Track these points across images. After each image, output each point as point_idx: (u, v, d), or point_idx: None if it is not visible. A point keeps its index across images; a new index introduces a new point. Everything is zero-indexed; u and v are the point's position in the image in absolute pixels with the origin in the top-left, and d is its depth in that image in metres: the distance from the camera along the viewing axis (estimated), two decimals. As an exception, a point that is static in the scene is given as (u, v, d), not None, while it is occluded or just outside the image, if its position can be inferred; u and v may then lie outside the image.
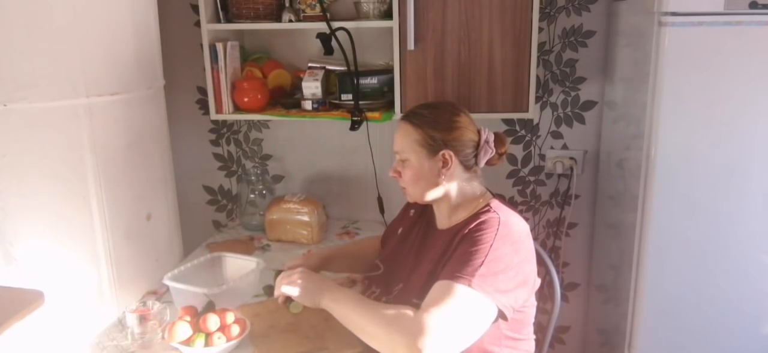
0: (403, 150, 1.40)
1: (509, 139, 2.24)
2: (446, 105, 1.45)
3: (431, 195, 1.40)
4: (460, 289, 1.21)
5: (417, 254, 1.45)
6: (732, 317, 1.72)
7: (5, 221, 1.56)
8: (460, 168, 1.38)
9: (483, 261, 1.23)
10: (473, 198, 1.40)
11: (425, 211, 1.52)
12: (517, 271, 1.28)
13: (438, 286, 1.24)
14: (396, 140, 1.42)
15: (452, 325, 1.19)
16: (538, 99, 2.17)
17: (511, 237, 1.29)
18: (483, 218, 1.32)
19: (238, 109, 2.09)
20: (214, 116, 2.08)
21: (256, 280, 1.71)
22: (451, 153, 1.36)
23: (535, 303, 1.40)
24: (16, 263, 1.58)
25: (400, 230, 1.57)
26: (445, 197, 1.40)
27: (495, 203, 1.38)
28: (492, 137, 1.40)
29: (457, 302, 1.20)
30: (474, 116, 1.43)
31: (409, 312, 1.20)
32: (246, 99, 2.05)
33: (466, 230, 1.31)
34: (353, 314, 1.26)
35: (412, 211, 1.58)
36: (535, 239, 1.39)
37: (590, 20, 2.09)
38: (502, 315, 1.25)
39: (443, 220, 1.43)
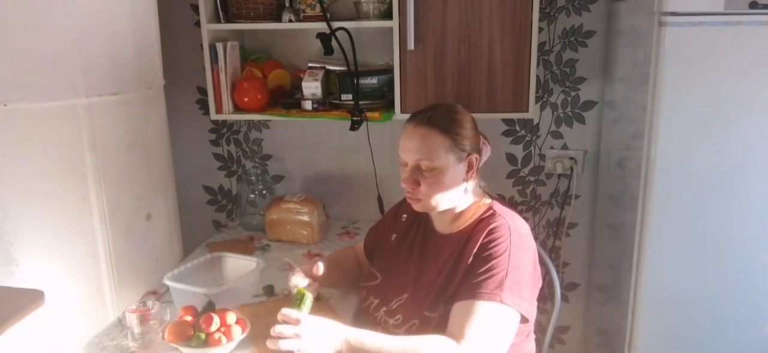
0: (430, 157, 1.30)
1: (509, 139, 2.24)
2: (457, 108, 1.39)
3: (450, 203, 1.35)
4: (491, 307, 1.22)
5: (419, 262, 1.43)
6: (732, 317, 1.71)
7: (5, 221, 1.56)
8: (475, 172, 1.37)
9: (506, 273, 1.24)
10: (474, 201, 1.40)
11: (419, 214, 1.49)
12: (531, 274, 1.30)
13: (465, 307, 1.22)
14: (415, 145, 1.32)
15: (493, 346, 1.21)
16: (538, 99, 2.17)
17: (522, 241, 1.30)
18: (492, 225, 1.32)
19: (238, 109, 2.09)
20: (214, 116, 2.08)
21: (256, 280, 1.71)
22: (477, 157, 1.35)
23: (536, 304, 1.40)
24: (16, 263, 1.58)
25: (394, 237, 1.53)
26: (456, 203, 1.37)
27: (497, 206, 1.38)
28: (482, 137, 1.41)
29: (492, 321, 1.21)
30: (474, 116, 1.43)
31: (448, 346, 1.18)
32: (246, 99, 2.05)
33: (478, 243, 1.30)
34: None
35: (405, 216, 1.54)
36: (535, 239, 1.39)
37: (590, 20, 2.09)
38: (523, 319, 1.27)
39: (444, 225, 1.41)
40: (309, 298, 1.32)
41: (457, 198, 1.36)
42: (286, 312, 1.19)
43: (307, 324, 1.17)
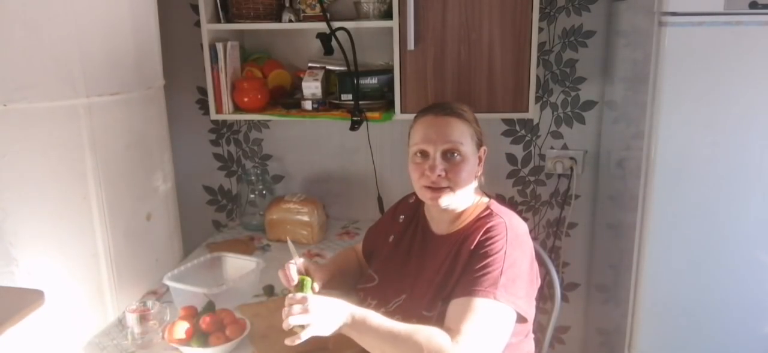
0: (461, 140, 1.31)
1: (509, 139, 2.24)
2: (462, 104, 1.41)
3: (466, 196, 1.35)
4: (487, 304, 1.22)
5: (418, 263, 1.42)
6: (732, 317, 1.71)
7: (5, 221, 1.56)
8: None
9: (502, 271, 1.24)
10: (473, 200, 1.40)
11: (416, 216, 1.49)
12: (527, 272, 1.30)
13: (461, 304, 1.23)
14: (443, 133, 1.31)
15: (488, 342, 1.21)
16: (538, 99, 2.17)
17: (519, 240, 1.31)
18: (489, 224, 1.32)
19: (238, 109, 2.09)
20: (214, 116, 2.08)
21: (256, 280, 1.71)
22: (486, 150, 1.38)
23: (535, 303, 1.40)
24: (16, 263, 1.58)
25: (391, 238, 1.53)
26: (463, 199, 1.37)
27: (494, 205, 1.38)
28: None
29: (487, 318, 1.21)
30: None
31: (442, 336, 1.18)
32: (246, 99, 2.05)
33: (475, 241, 1.30)
34: (380, 341, 1.19)
35: (402, 217, 1.53)
36: (535, 239, 1.39)
37: (590, 20, 2.09)
38: (520, 319, 1.27)
39: (443, 226, 1.41)
40: (309, 282, 1.33)
41: (470, 193, 1.37)
42: (292, 295, 1.22)
43: (314, 300, 1.20)
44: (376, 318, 1.21)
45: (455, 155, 1.31)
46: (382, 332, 1.19)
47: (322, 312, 1.19)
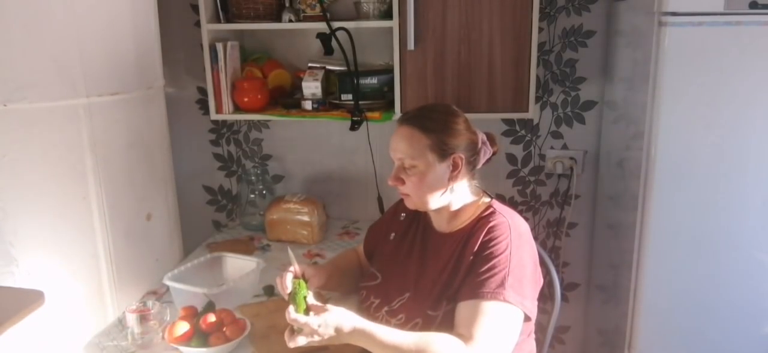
0: (411, 156, 1.32)
1: (509, 139, 2.24)
2: (448, 108, 1.40)
3: (437, 202, 1.36)
4: (496, 307, 1.22)
5: (420, 261, 1.42)
6: (732, 317, 1.72)
7: (5, 221, 1.56)
8: (465, 171, 1.37)
9: (508, 272, 1.25)
10: (473, 200, 1.40)
11: (418, 214, 1.49)
12: (532, 272, 1.31)
13: (471, 307, 1.23)
14: (399, 145, 1.34)
15: (501, 345, 1.22)
16: (538, 99, 2.17)
17: (522, 240, 1.31)
18: (492, 223, 1.32)
19: (238, 109, 2.09)
20: (214, 116, 2.08)
21: (256, 280, 1.71)
22: (462, 157, 1.34)
23: (537, 302, 1.40)
24: (16, 263, 1.58)
25: (392, 236, 1.53)
26: (448, 202, 1.37)
27: (496, 205, 1.38)
28: (485, 137, 1.40)
29: (498, 320, 1.22)
30: (474, 116, 1.43)
31: (457, 344, 1.19)
32: (246, 99, 2.05)
33: (479, 241, 1.31)
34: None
35: (403, 215, 1.54)
36: (535, 239, 1.39)
37: (590, 20, 2.09)
38: (525, 318, 1.28)
39: (443, 224, 1.41)
40: (303, 286, 1.30)
41: (444, 197, 1.36)
42: (295, 316, 1.21)
43: (315, 321, 1.19)
44: (383, 331, 1.20)
45: (408, 167, 1.34)
46: (395, 345, 1.19)
47: (325, 331, 1.19)
